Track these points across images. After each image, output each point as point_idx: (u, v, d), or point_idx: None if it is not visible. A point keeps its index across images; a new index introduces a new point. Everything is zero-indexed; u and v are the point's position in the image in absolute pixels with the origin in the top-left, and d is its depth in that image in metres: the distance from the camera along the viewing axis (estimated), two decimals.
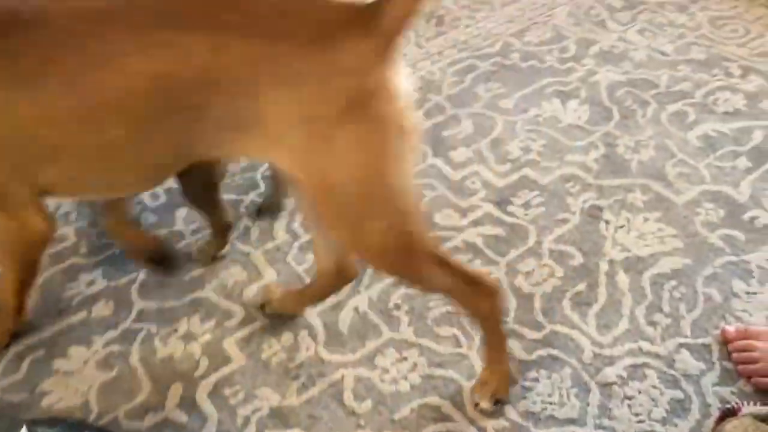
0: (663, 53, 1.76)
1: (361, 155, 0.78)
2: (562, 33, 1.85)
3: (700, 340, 1.14)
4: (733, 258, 1.27)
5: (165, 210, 1.42)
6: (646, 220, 1.35)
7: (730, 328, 1.12)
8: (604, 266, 1.27)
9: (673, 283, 1.23)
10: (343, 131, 0.77)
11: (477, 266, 1.28)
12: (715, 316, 1.18)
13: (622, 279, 1.24)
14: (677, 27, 1.85)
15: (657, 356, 1.13)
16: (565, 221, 1.36)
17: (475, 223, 1.37)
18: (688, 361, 1.12)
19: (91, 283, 1.28)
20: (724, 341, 1.12)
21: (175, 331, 1.20)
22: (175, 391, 1.11)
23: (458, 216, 1.38)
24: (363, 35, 0.75)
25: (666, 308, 1.19)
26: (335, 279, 1.11)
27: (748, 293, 1.21)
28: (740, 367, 1.09)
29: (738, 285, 1.22)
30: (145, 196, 1.44)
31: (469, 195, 1.42)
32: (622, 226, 1.34)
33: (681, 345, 1.14)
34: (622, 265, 1.27)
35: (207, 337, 1.19)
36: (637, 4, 1.94)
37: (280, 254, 1.32)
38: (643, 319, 1.18)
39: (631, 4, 1.94)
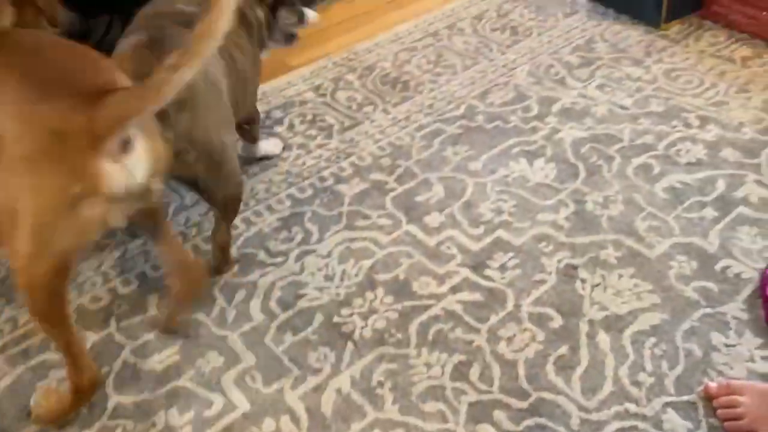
0: (623, 107, 1.82)
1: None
2: (524, 93, 1.90)
3: (685, 398, 1.14)
4: (709, 310, 1.28)
5: None
6: (620, 276, 1.36)
7: (713, 385, 1.12)
8: (584, 327, 1.27)
9: (654, 340, 1.24)
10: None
11: (458, 335, 1.27)
12: (697, 372, 1.18)
13: (603, 339, 1.25)
14: (634, 81, 1.91)
15: (644, 418, 1.12)
16: (541, 282, 1.36)
17: (454, 289, 1.36)
18: (675, 421, 1.11)
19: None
20: (708, 398, 1.12)
21: (153, 425, 1.16)
22: None
23: (436, 283, 1.38)
24: (81, 114, 0.90)
25: (649, 367, 1.19)
26: (183, 283, 1.23)
27: (727, 345, 1.22)
28: (726, 423, 1.08)
29: (717, 338, 1.23)
30: None
31: (445, 261, 1.43)
32: (598, 284, 1.35)
33: (667, 404, 1.13)
34: (602, 325, 1.27)
35: (187, 429, 1.15)
36: (593, 60, 2.01)
37: (257, 336, 1.30)
38: (627, 380, 1.17)
39: (588, 61, 2.01)
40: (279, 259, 1.45)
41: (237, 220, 1.55)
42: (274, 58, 2.17)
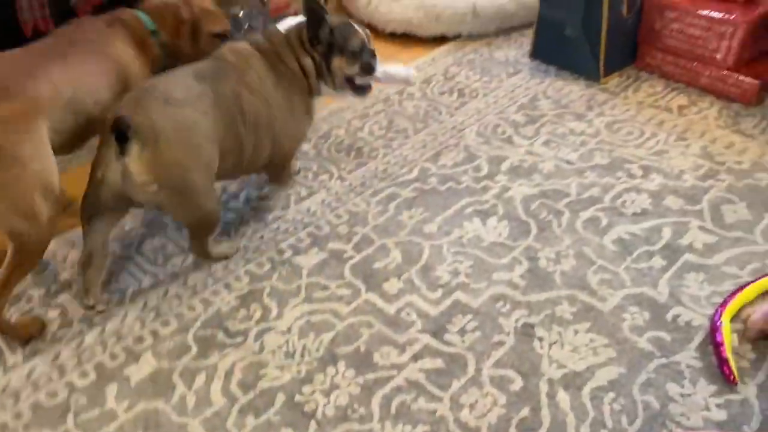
0: (569, 162, 1.88)
1: None
2: (474, 153, 1.96)
3: None
4: (664, 360, 1.31)
5: None
6: (576, 332, 1.39)
7: None
8: (544, 387, 1.28)
9: (612, 395, 1.25)
10: None
11: (421, 405, 1.27)
12: (656, 425, 1.20)
13: (563, 398, 1.26)
14: (578, 135, 1.99)
15: None
16: (500, 344, 1.38)
17: (415, 357, 1.37)
18: None
19: None
20: None
21: None
22: None
23: (397, 353, 1.38)
24: None
25: (609, 423, 1.21)
26: None
27: (682, 395, 1.24)
28: None
29: (672, 388, 1.26)
30: None
31: (405, 328, 1.44)
32: (555, 342, 1.37)
33: None
34: (561, 383, 1.28)
35: None
36: (538, 118, 2.09)
37: (219, 421, 1.28)
38: None
39: (533, 118, 2.08)
40: (238, 339, 1.44)
41: (195, 301, 1.54)
42: None
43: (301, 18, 1.65)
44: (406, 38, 2.63)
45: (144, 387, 1.35)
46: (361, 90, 1.72)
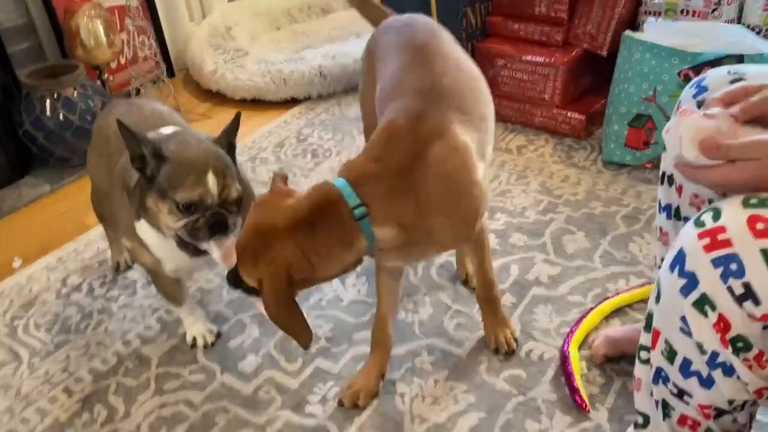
0: None
1: None
2: None
3: None
4: (521, 398, 1.33)
5: None
6: (436, 382, 1.38)
7: None
8: None
9: None
10: None
11: None
12: None
13: None
14: None
15: None
16: (363, 407, 1.34)
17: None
18: None
19: None
20: None
21: None
22: None
23: None
24: None
25: None
26: None
27: (541, 431, 1.26)
28: None
29: (531, 426, 1.27)
30: None
31: (265, 407, 1.37)
32: (416, 395, 1.35)
33: None
34: None
35: None
36: None
37: None
38: None
39: None
40: None
41: (29, 413, 1.39)
42: (72, 217, 2.08)
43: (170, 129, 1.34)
44: (257, 103, 2.62)
45: None
46: (190, 248, 1.26)
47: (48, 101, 2.21)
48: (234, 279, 1.11)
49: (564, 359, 1.37)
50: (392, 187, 1.09)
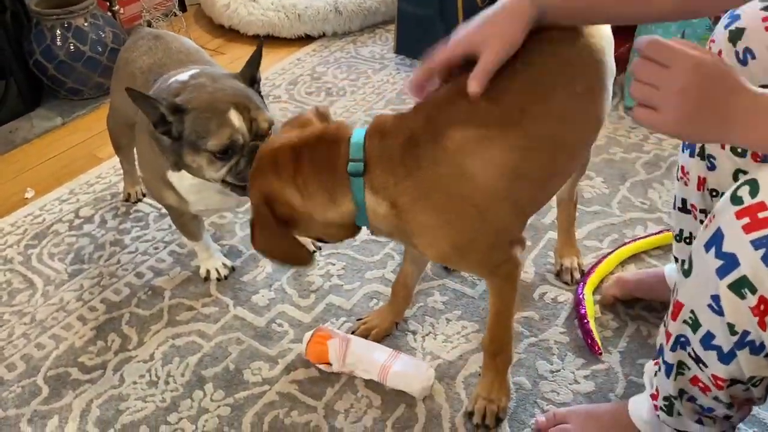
0: None
1: None
2: None
3: None
4: (533, 339, 1.32)
5: None
6: (448, 321, 1.38)
7: (541, 418, 1.15)
8: None
9: None
10: None
11: (295, 418, 1.22)
12: (528, 404, 1.20)
13: (438, 390, 1.24)
14: None
15: None
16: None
17: (288, 369, 1.31)
18: None
19: None
20: (539, 431, 1.14)
21: None
22: None
23: (269, 367, 1.32)
24: None
25: None
26: None
27: (552, 372, 1.26)
28: None
29: (542, 366, 1.27)
30: None
31: (277, 340, 1.37)
32: (428, 334, 1.35)
33: None
34: (435, 375, 1.27)
35: None
36: None
37: None
38: (463, 428, 1.17)
39: None
40: (95, 374, 1.33)
41: (44, 338, 1.41)
42: (83, 150, 2.07)
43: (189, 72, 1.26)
44: (270, 40, 2.56)
45: None
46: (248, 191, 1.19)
47: (58, 30, 2.16)
48: None
49: (578, 302, 1.36)
50: (401, 152, 0.91)
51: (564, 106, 0.98)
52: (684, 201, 1.10)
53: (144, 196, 1.79)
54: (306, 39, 2.56)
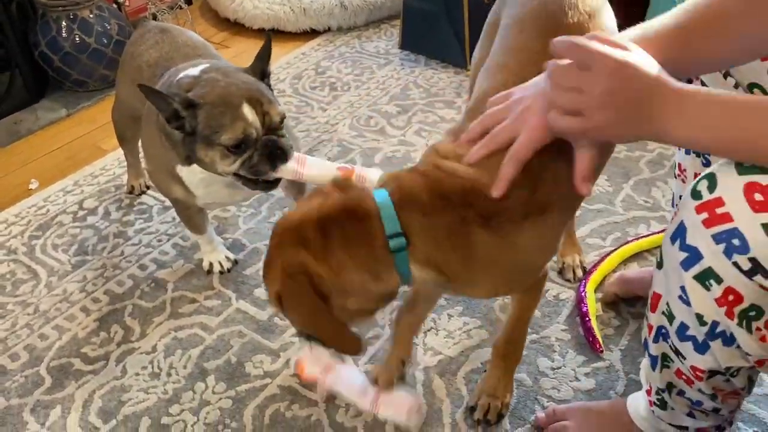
0: None
1: None
2: (348, 146, 1.93)
3: (519, 431, 1.16)
4: (535, 336, 1.33)
5: None
6: (450, 317, 1.38)
7: (541, 414, 1.15)
8: (420, 376, 1.27)
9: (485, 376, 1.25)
10: None
11: (296, 412, 1.22)
12: (529, 401, 1.21)
13: (439, 385, 1.25)
14: (449, 122, 2.00)
15: None
16: (376, 337, 1.35)
17: (289, 362, 1.32)
18: None
19: None
20: (539, 428, 1.15)
21: None
22: None
23: (270, 360, 1.32)
24: None
25: None
26: None
27: (553, 369, 1.26)
28: None
29: (543, 363, 1.27)
30: None
31: (279, 333, 1.38)
32: (430, 329, 1.36)
33: None
34: (436, 370, 1.27)
35: None
36: (410, 107, 2.08)
37: None
38: (463, 424, 1.18)
39: (404, 108, 2.08)
40: (98, 365, 1.33)
41: (47, 329, 1.42)
42: (88, 142, 2.07)
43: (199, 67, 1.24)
44: (275, 34, 2.55)
45: None
46: (260, 185, 1.25)
47: (64, 22, 2.16)
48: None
49: (580, 300, 1.37)
50: (444, 222, 0.85)
51: None
52: None
53: (148, 188, 1.79)
54: (311, 33, 2.56)
